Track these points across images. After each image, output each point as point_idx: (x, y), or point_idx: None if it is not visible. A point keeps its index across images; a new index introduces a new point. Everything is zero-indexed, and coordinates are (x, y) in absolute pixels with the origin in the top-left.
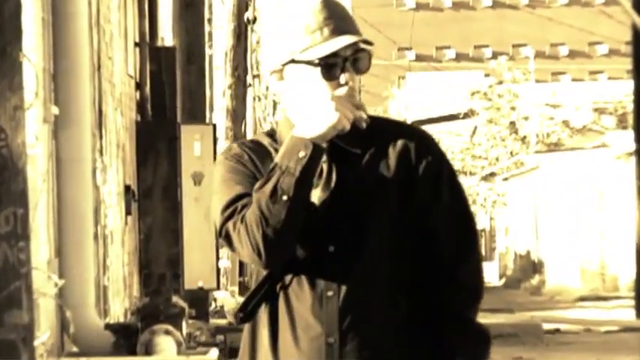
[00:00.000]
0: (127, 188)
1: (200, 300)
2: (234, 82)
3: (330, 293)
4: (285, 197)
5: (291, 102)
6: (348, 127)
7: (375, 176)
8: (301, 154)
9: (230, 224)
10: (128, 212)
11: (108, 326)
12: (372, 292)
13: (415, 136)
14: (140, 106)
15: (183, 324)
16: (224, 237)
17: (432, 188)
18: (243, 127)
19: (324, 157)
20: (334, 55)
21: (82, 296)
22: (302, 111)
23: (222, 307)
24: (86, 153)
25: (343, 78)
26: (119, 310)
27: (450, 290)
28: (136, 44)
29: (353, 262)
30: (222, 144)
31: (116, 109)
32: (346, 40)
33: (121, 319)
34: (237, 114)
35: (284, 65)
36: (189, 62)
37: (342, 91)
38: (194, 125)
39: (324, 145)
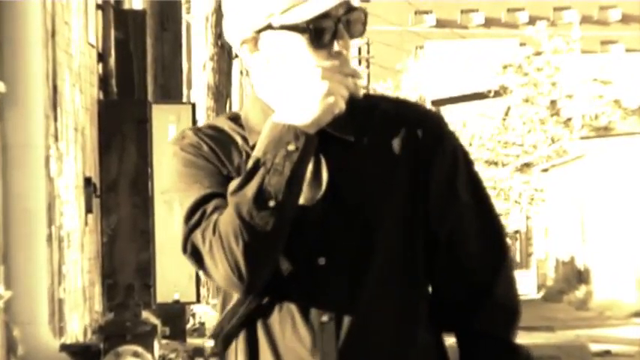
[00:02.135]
0: (88, 181)
1: (175, 316)
2: (217, 53)
3: (324, 318)
4: (272, 202)
5: (267, 79)
6: (344, 107)
7: (375, 170)
8: (291, 147)
9: (198, 235)
10: (89, 210)
11: (64, 347)
12: (379, 315)
13: (423, 119)
14: (103, 82)
15: (155, 344)
16: (190, 253)
17: (447, 186)
18: (227, 106)
19: None
20: (324, 16)
21: (33, 311)
22: (284, 91)
23: (202, 324)
24: (38, 138)
25: (337, 45)
26: (77, 327)
27: (483, 312)
28: (98, 6)
29: (351, 277)
30: None
31: (74, 86)
32: None
33: (80, 339)
34: (221, 91)
35: (259, 32)
36: (162, 29)
37: (334, 62)
38: (168, 105)
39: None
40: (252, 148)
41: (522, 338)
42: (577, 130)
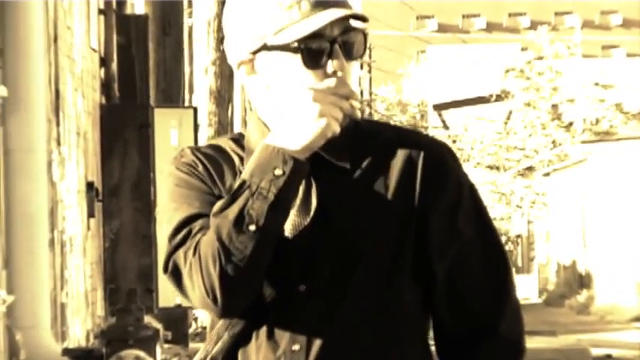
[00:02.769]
0: (90, 185)
1: (177, 320)
2: (219, 58)
3: (295, 347)
4: (252, 227)
5: (265, 100)
6: (338, 130)
7: (368, 199)
8: (278, 171)
9: (180, 255)
10: (91, 214)
11: (66, 351)
12: (355, 345)
13: (423, 147)
14: (105, 87)
15: (158, 349)
16: (171, 272)
17: (449, 220)
18: (230, 111)
19: None
20: (318, 36)
21: (35, 315)
22: (279, 113)
23: (204, 328)
24: (40, 143)
25: (330, 66)
26: (80, 332)
27: (485, 348)
28: (100, 11)
29: (331, 306)
30: (205, 132)
31: (76, 90)
32: (331, 14)
33: (82, 343)
34: (223, 96)
35: (255, 53)
36: (164, 33)
37: (328, 83)
38: (170, 109)
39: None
40: None
41: None
42: (578, 134)
